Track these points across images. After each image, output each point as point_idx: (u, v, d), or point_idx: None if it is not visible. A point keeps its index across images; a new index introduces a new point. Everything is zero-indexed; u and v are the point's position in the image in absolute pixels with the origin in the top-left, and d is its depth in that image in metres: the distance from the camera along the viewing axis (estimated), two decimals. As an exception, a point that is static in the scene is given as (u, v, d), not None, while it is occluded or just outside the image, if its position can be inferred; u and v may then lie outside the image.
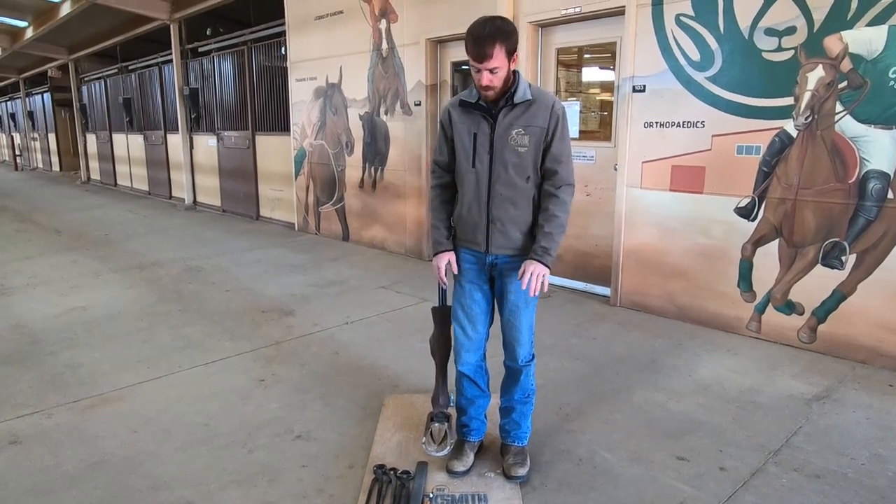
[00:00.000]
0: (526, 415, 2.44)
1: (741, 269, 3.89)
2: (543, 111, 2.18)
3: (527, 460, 2.40)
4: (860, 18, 3.27)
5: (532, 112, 2.19)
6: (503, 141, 2.20)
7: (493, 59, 2.06)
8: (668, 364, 3.49)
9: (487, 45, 2.05)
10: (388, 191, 6.51)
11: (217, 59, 9.30)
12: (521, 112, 2.19)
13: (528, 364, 2.38)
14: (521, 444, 2.44)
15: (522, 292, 2.24)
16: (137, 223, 8.95)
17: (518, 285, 2.24)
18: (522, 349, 2.34)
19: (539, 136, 2.19)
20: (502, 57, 2.07)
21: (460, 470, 2.40)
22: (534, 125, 2.18)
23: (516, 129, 2.18)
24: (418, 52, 5.85)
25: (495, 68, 2.08)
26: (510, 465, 2.38)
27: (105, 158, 14.49)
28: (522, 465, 2.37)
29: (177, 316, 4.45)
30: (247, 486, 2.36)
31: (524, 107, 2.19)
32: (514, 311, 2.30)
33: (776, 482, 2.35)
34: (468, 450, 2.47)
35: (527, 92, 2.18)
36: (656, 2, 4.08)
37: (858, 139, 3.35)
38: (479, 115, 2.23)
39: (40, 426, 2.84)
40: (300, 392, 3.18)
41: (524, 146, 2.19)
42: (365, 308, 4.58)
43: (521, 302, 2.29)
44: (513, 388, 2.40)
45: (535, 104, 2.19)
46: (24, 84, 20.06)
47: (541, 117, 2.18)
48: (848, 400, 3.03)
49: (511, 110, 2.19)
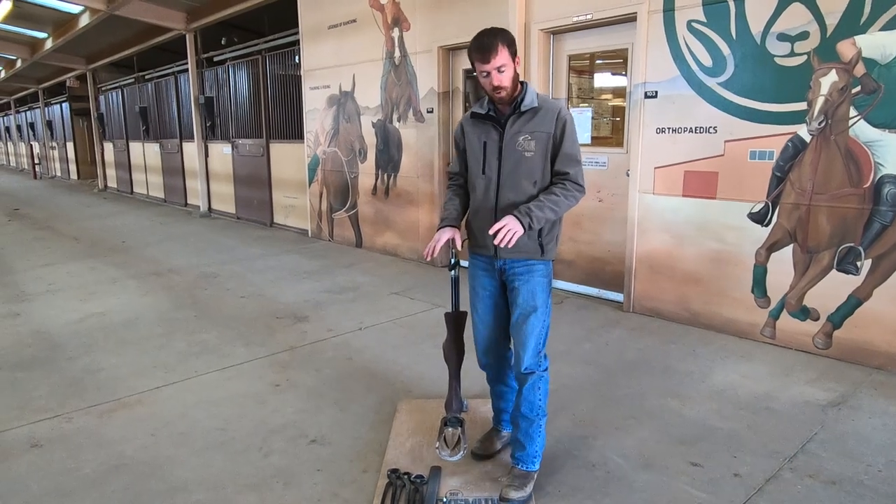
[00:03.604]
0: (532, 437, 2.33)
1: (755, 274, 3.87)
2: (550, 117, 2.24)
3: (526, 486, 2.28)
4: (873, 23, 3.26)
5: (538, 118, 2.25)
6: (511, 147, 2.26)
7: (499, 56, 2.16)
8: (682, 370, 3.48)
9: (491, 45, 2.16)
10: (400, 197, 6.55)
11: (232, 68, 9.42)
12: (528, 119, 2.26)
13: (533, 373, 2.29)
14: (524, 468, 2.33)
15: (529, 299, 2.27)
16: (154, 230, 9.06)
17: (525, 292, 2.27)
18: (527, 356, 2.27)
19: (546, 141, 2.24)
20: (506, 55, 2.18)
21: (479, 452, 2.51)
22: (540, 130, 2.24)
23: (523, 135, 2.25)
24: (430, 59, 5.90)
25: (502, 66, 2.18)
26: (505, 485, 2.29)
27: (122, 167, 14.69)
28: (517, 490, 2.26)
29: (193, 322, 4.51)
30: (262, 490, 2.39)
31: (531, 114, 2.26)
32: (521, 314, 2.30)
33: (791, 488, 2.34)
34: (494, 437, 2.57)
35: (534, 100, 2.26)
36: (668, 8, 4.09)
37: (873, 144, 3.33)
38: (490, 124, 2.31)
39: (60, 430, 2.89)
40: (315, 397, 3.21)
41: (531, 150, 2.24)
42: (378, 314, 4.61)
43: (528, 308, 2.28)
44: (519, 398, 2.35)
45: (542, 111, 2.25)
46: (43, 94, 20.41)
47: (547, 123, 2.24)
48: (864, 406, 3.01)
49: (518, 118, 2.26)
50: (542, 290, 2.30)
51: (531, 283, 2.28)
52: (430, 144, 6.08)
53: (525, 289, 2.28)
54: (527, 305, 2.28)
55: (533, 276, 2.29)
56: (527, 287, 2.28)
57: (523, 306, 2.29)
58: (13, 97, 24.94)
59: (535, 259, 2.28)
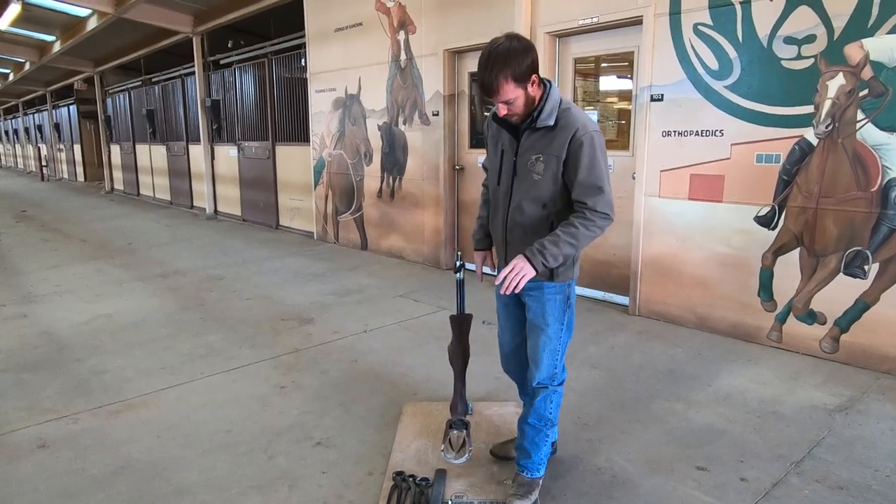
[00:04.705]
0: (538, 445, 2.29)
1: (762, 278, 3.86)
2: (562, 139, 2.04)
3: (530, 494, 2.26)
4: (881, 26, 3.25)
5: (551, 138, 2.07)
6: (523, 165, 2.13)
7: (501, 92, 1.98)
8: (688, 374, 3.47)
9: (490, 80, 1.97)
10: (406, 200, 6.56)
11: (238, 71, 9.45)
12: (541, 136, 2.09)
13: (546, 388, 2.26)
14: (528, 476, 2.30)
15: (538, 318, 2.22)
16: (160, 232, 9.10)
17: (534, 311, 2.22)
18: (538, 371, 2.24)
19: (555, 166, 2.06)
20: (512, 88, 1.97)
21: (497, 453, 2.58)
22: (550, 153, 2.06)
23: (535, 153, 2.10)
24: (436, 62, 5.91)
25: (508, 100, 2.01)
26: (509, 494, 2.28)
27: (128, 169, 14.77)
28: (521, 498, 2.24)
29: (199, 324, 4.52)
30: (268, 492, 2.39)
31: (546, 131, 2.08)
32: (531, 330, 2.27)
33: (798, 493, 2.33)
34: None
35: (551, 117, 2.05)
36: (674, 11, 4.08)
37: (880, 147, 3.31)
38: (507, 133, 2.19)
39: (67, 431, 2.90)
40: (320, 399, 3.21)
41: (538, 174, 2.09)
42: (383, 316, 4.61)
43: (538, 323, 2.22)
44: (529, 407, 2.32)
45: (557, 129, 2.05)
46: (51, 97, 20.54)
47: (557, 145, 2.05)
48: (872, 411, 2.99)
49: (533, 133, 2.10)
50: (554, 310, 2.20)
51: (541, 302, 2.20)
52: (435, 147, 6.09)
53: (535, 308, 2.22)
54: (534, 324, 2.24)
55: (543, 295, 2.19)
56: (537, 306, 2.21)
57: (531, 324, 2.25)
58: (21, 100, 25.11)
59: (545, 281, 2.17)
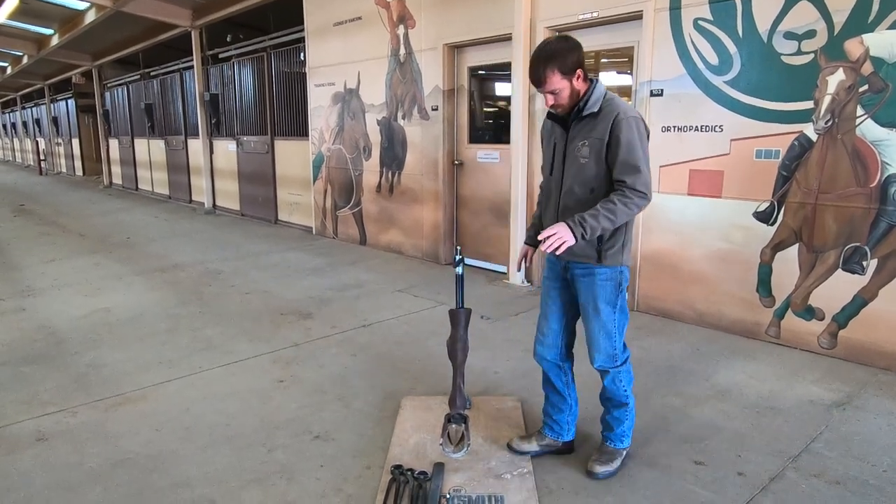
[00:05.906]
0: (620, 420, 2.44)
1: (760, 274, 3.86)
2: (605, 123, 2.20)
3: (613, 461, 2.42)
4: (881, 21, 3.25)
5: (595, 124, 2.22)
6: (572, 152, 2.28)
7: (548, 83, 2.19)
8: (686, 369, 3.47)
9: (539, 72, 2.19)
10: (405, 195, 6.55)
11: (237, 66, 9.43)
12: (586, 123, 2.25)
13: (608, 370, 2.38)
14: (612, 445, 2.46)
15: (588, 303, 2.33)
16: (158, 227, 9.08)
17: (584, 295, 2.34)
18: (598, 354, 2.37)
19: (599, 148, 2.20)
20: (558, 79, 2.17)
21: (515, 448, 2.57)
22: (594, 137, 2.21)
23: (581, 140, 2.25)
24: (436, 57, 5.89)
25: (554, 90, 2.20)
26: (592, 459, 2.45)
27: (127, 163, 14.74)
28: (603, 464, 2.41)
29: (197, 318, 4.52)
30: (266, 485, 2.40)
31: (590, 118, 2.24)
32: (584, 316, 2.38)
33: (795, 488, 2.33)
34: (534, 436, 2.60)
35: (595, 105, 2.22)
36: (674, 6, 4.07)
37: (880, 143, 3.31)
38: (559, 126, 2.35)
39: (65, 424, 2.91)
40: (318, 393, 3.21)
41: (585, 157, 2.24)
42: (382, 311, 4.61)
43: (590, 309, 2.33)
44: (602, 388, 2.47)
45: (600, 115, 2.21)
46: (49, 90, 20.47)
47: (601, 129, 2.20)
48: (869, 406, 3.00)
49: (579, 122, 2.26)
50: (605, 295, 2.30)
51: (592, 287, 2.31)
52: (434, 142, 6.08)
53: (585, 292, 2.33)
54: (586, 309, 2.35)
55: (593, 280, 2.30)
56: (587, 291, 2.32)
57: (584, 310, 2.37)
58: (19, 93, 25.03)
59: (594, 264, 2.28)
